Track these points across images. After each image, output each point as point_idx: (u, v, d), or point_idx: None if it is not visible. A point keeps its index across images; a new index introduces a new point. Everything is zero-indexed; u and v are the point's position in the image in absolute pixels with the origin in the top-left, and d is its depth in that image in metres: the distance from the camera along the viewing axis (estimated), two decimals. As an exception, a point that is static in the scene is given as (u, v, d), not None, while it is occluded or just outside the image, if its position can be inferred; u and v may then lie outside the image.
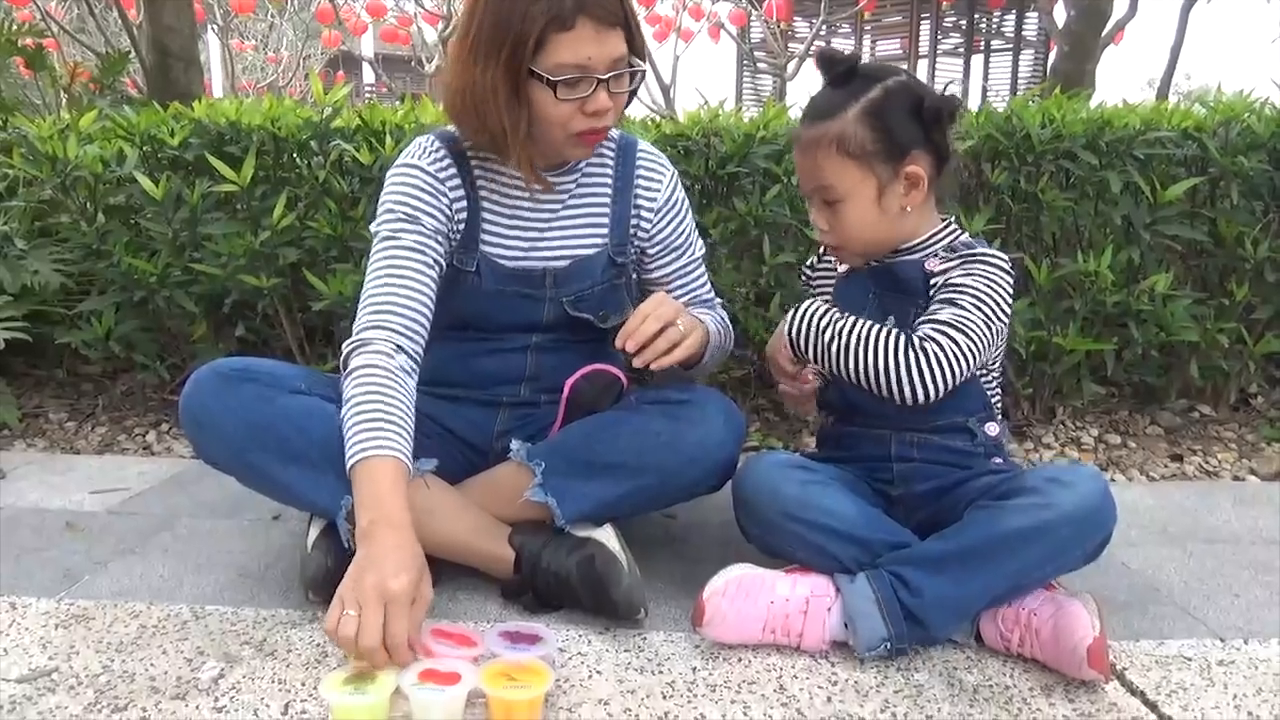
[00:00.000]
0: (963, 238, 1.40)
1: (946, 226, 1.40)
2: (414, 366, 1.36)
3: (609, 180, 1.53)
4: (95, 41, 6.12)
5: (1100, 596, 1.27)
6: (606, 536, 1.37)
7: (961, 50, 11.30)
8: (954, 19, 11.31)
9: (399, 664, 1.12)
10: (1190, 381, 2.37)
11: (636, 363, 1.36)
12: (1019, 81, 10.94)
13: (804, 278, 1.61)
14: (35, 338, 2.25)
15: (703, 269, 1.64)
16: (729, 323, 1.65)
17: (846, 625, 1.27)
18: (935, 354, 1.27)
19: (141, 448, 2.24)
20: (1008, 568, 1.23)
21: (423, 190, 1.43)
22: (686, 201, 1.61)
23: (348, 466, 1.24)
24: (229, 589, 1.45)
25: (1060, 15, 5.23)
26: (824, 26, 9.59)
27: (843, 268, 1.48)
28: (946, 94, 1.34)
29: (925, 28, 11.12)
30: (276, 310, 2.31)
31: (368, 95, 16.05)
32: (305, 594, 1.38)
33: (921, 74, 11.16)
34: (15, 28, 3.33)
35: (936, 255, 1.38)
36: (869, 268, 1.43)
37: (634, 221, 1.54)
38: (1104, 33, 4.76)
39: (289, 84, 11.40)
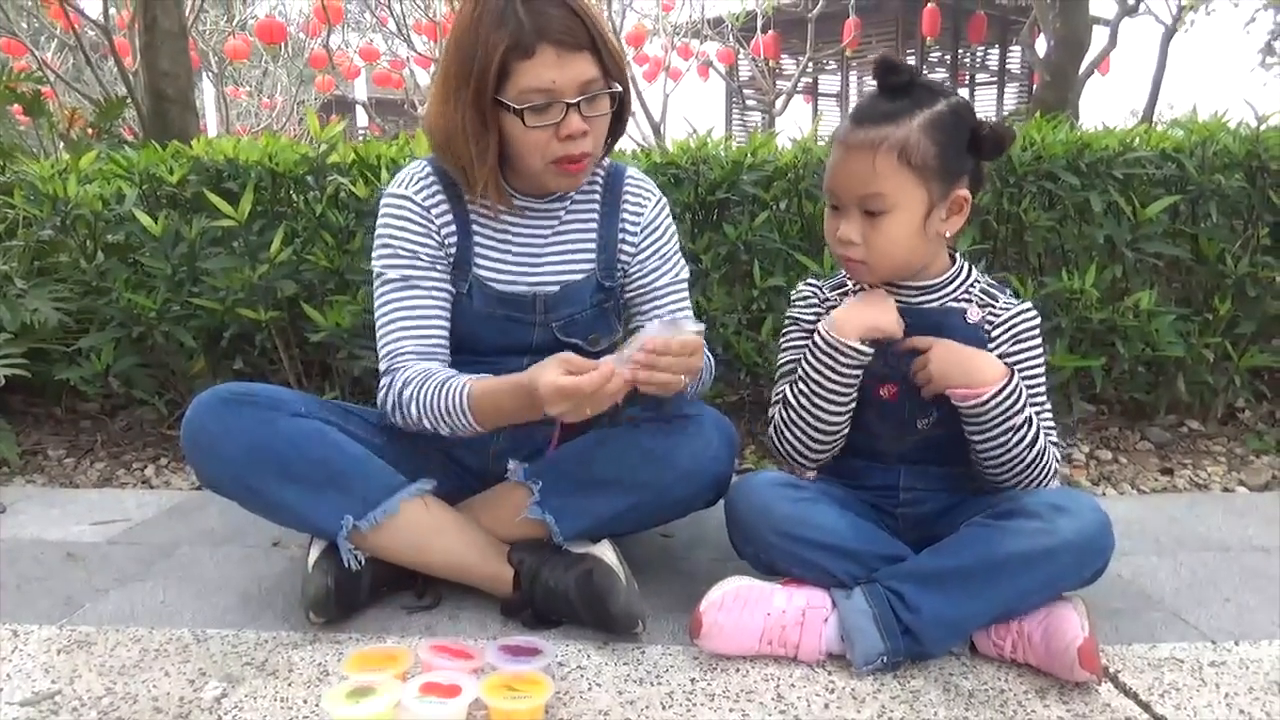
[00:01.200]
0: (983, 281, 1.39)
1: (962, 267, 1.40)
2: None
3: (596, 205, 1.56)
4: (91, 90, 6.21)
5: (1093, 603, 1.30)
6: (604, 551, 1.39)
7: (947, 84, 11.48)
8: (939, 54, 11.51)
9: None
10: (1179, 397, 2.40)
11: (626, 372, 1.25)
12: (1004, 114, 11.11)
13: (793, 320, 1.50)
14: (34, 375, 2.27)
15: (684, 295, 1.61)
16: (711, 358, 1.60)
17: (843, 638, 1.28)
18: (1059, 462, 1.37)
19: (140, 482, 2.25)
20: (1006, 591, 1.25)
21: (411, 221, 1.47)
22: (673, 227, 1.61)
23: (472, 419, 1.35)
24: (230, 613, 1.46)
25: (1043, 48, 5.35)
26: (810, 64, 9.77)
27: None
28: (1005, 124, 1.30)
29: (910, 62, 11.31)
30: (274, 343, 2.34)
31: (361, 137, 16.18)
32: (306, 614, 1.39)
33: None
34: (13, 75, 3.38)
35: (971, 301, 1.37)
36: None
37: (620, 244, 1.56)
38: (1088, 63, 4.88)
39: (283, 128, 11.51)
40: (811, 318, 1.47)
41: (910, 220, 1.29)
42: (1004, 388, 1.29)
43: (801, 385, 1.38)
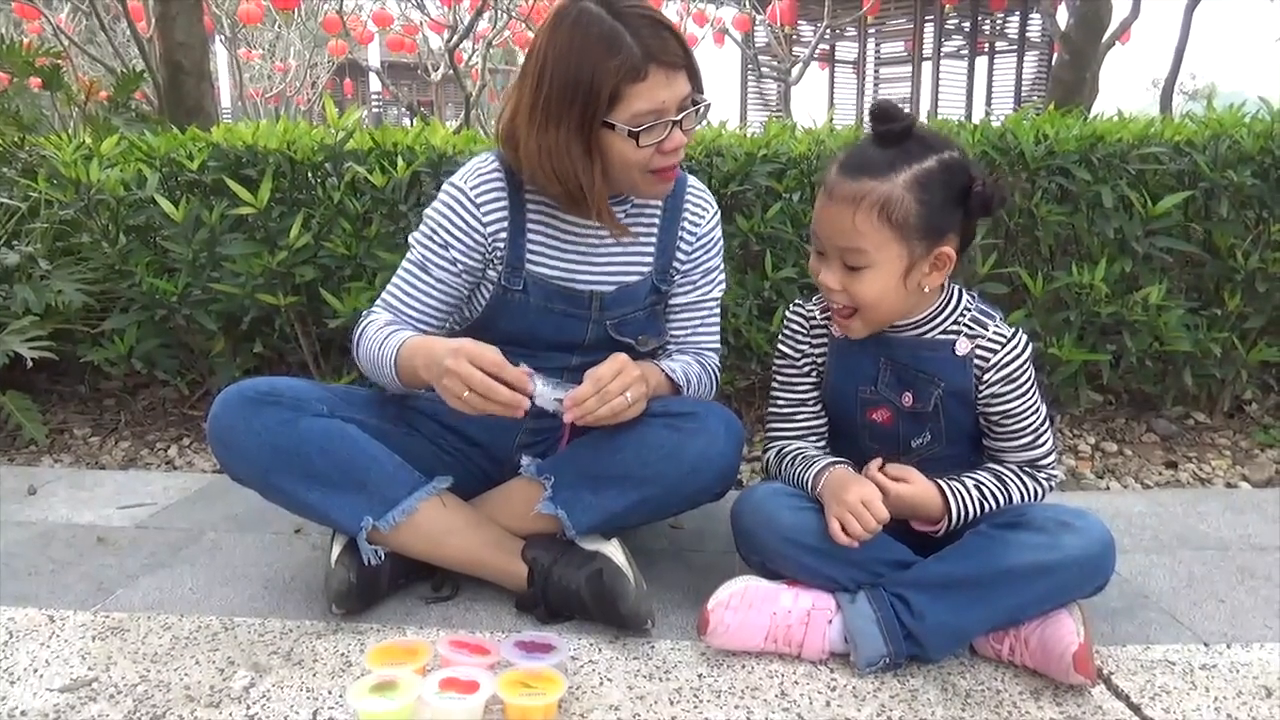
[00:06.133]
0: (973, 308, 1.39)
1: (951, 298, 1.39)
2: None
3: (659, 210, 1.59)
4: (104, 53, 6.21)
5: (1091, 602, 1.34)
6: (614, 551, 1.44)
7: (965, 52, 11.34)
8: (957, 21, 11.36)
9: (519, 384, 1.31)
10: (1186, 389, 2.42)
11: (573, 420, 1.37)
12: (1023, 83, 10.97)
13: (781, 353, 1.54)
14: (59, 355, 2.32)
15: (715, 313, 1.66)
16: (716, 373, 1.66)
17: (846, 639, 1.33)
18: (1054, 483, 1.44)
19: (164, 462, 2.31)
20: (1008, 602, 1.29)
21: (456, 214, 1.50)
22: (721, 243, 1.66)
23: (395, 374, 1.42)
24: (255, 600, 1.52)
25: (1064, 17, 5.29)
26: (828, 30, 9.65)
27: (838, 331, 1.44)
28: (998, 183, 1.27)
29: (929, 30, 11.17)
30: (293, 326, 2.38)
31: (374, 102, 16.14)
32: (329, 606, 1.44)
33: (926, 77, 11.22)
34: (33, 50, 3.40)
35: (960, 333, 1.37)
36: (873, 336, 1.40)
37: (677, 250, 1.60)
38: (1109, 34, 4.83)
39: (297, 93, 11.49)
40: (794, 354, 1.52)
41: (889, 277, 1.30)
42: (951, 519, 1.36)
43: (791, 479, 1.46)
